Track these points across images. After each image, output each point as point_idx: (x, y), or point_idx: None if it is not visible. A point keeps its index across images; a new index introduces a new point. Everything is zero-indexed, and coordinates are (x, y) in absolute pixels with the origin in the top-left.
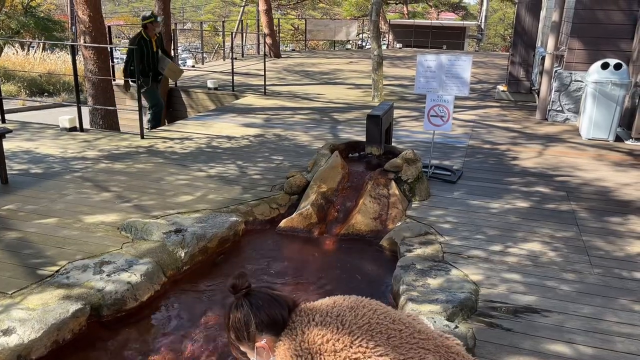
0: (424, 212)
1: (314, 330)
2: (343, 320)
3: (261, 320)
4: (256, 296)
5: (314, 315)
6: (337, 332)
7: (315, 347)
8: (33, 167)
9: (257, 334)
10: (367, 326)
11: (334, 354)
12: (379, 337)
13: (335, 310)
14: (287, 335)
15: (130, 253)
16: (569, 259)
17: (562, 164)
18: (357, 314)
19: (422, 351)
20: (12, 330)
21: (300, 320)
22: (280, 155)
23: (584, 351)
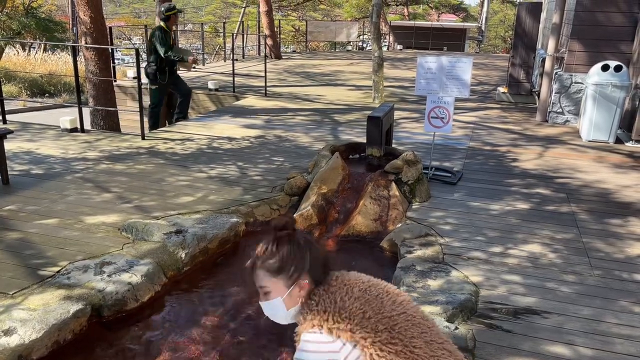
0: (424, 213)
1: (355, 304)
2: (383, 303)
3: (313, 261)
4: (303, 239)
5: (352, 287)
6: (379, 313)
7: (356, 319)
8: (34, 167)
9: (302, 274)
10: (404, 315)
11: (374, 333)
12: (414, 329)
13: (373, 290)
14: (324, 298)
15: (131, 254)
16: (569, 260)
17: (563, 166)
18: (395, 300)
19: (446, 352)
20: (13, 330)
21: (338, 287)
22: (281, 157)
23: (583, 353)
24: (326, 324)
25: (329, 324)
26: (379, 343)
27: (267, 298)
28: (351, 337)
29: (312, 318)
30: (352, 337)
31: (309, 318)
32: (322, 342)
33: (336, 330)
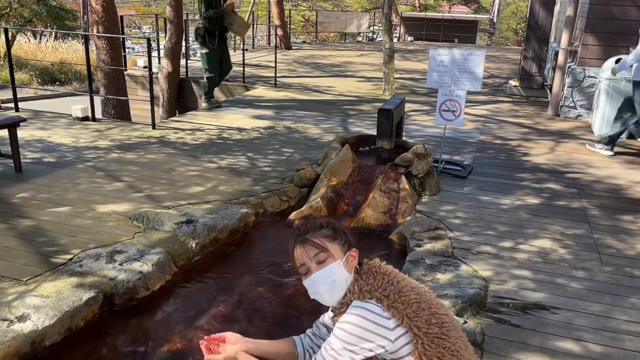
0: (434, 207)
1: (412, 292)
2: (431, 301)
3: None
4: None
5: (405, 277)
6: (431, 308)
7: (414, 307)
8: (46, 155)
9: (351, 242)
10: (448, 317)
11: (427, 325)
12: (455, 331)
13: (415, 286)
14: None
15: (142, 243)
16: (580, 256)
17: (574, 161)
18: (439, 302)
19: (473, 357)
20: (26, 316)
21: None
22: (291, 148)
23: (592, 349)
24: (386, 300)
25: (389, 300)
26: (431, 336)
27: (323, 266)
28: (408, 322)
29: (370, 289)
30: (408, 322)
31: (367, 289)
32: (377, 314)
33: (394, 309)
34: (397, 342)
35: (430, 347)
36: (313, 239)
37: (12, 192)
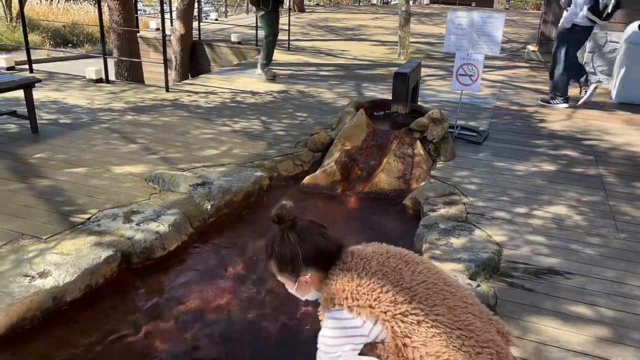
0: (448, 172)
1: (373, 279)
2: (402, 273)
3: (308, 254)
4: (303, 228)
5: (369, 261)
6: (397, 285)
7: (374, 294)
8: (62, 117)
9: (302, 268)
10: (424, 284)
11: (393, 305)
12: (435, 296)
13: (391, 262)
14: (341, 277)
15: (158, 204)
16: (595, 223)
17: (592, 128)
18: (414, 269)
19: (470, 316)
20: (47, 273)
21: (355, 264)
22: (304, 112)
23: (605, 313)
24: (346, 302)
25: (348, 302)
26: (399, 315)
27: (288, 287)
28: (370, 313)
29: (331, 297)
30: (371, 313)
31: (329, 298)
32: (345, 319)
33: (356, 307)
34: (371, 333)
35: (400, 326)
36: (270, 269)
37: (30, 153)
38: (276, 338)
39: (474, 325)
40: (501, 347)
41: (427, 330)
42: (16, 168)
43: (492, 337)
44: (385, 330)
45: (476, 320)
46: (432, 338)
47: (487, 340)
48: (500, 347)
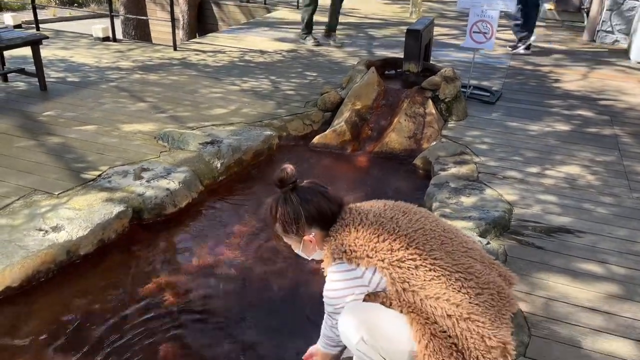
0: (460, 132)
1: (370, 229)
2: (398, 223)
3: (310, 214)
4: (304, 190)
5: (367, 214)
6: (394, 233)
7: (371, 244)
8: (69, 75)
9: (305, 228)
10: (421, 231)
11: (390, 253)
12: (433, 241)
13: (388, 213)
14: (339, 232)
15: (167, 161)
16: (608, 182)
17: (608, 88)
18: (411, 218)
19: (470, 259)
20: (61, 227)
21: (352, 218)
22: (314, 72)
23: (616, 271)
24: (345, 255)
25: (347, 254)
26: (396, 262)
27: (294, 249)
28: (368, 262)
29: (332, 252)
30: (369, 262)
31: (329, 254)
32: (345, 271)
33: (354, 259)
34: (371, 283)
35: (397, 272)
36: (274, 233)
37: (39, 110)
38: (285, 292)
39: (474, 268)
40: (502, 287)
41: (425, 274)
42: (26, 125)
43: (492, 279)
44: (385, 277)
45: (476, 264)
46: (430, 281)
47: (488, 282)
48: (501, 288)
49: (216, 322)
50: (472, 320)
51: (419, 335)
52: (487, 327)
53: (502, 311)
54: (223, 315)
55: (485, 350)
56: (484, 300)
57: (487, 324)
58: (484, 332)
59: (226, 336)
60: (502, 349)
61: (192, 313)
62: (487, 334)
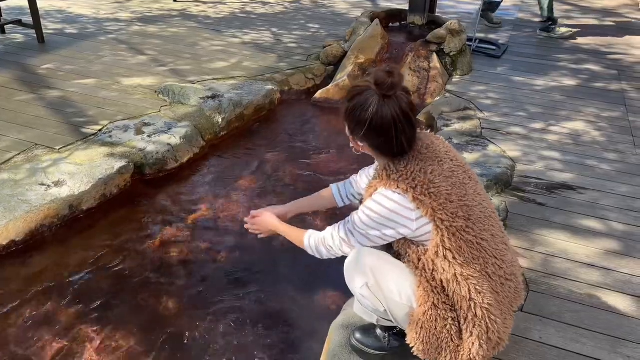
0: (464, 87)
1: (444, 183)
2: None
3: (372, 133)
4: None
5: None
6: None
7: (442, 199)
8: (67, 27)
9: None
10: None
11: (453, 217)
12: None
13: (459, 173)
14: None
15: (168, 116)
16: (613, 139)
17: (617, 42)
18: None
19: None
20: (62, 182)
21: (431, 159)
22: (317, 24)
23: (615, 227)
24: (412, 192)
25: (415, 192)
26: (454, 228)
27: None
28: (432, 214)
29: (397, 178)
30: (433, 214)
31: (394, 178)
32: (402, 205)
33: (419, 202)
34: (418, 230)
35: (450, 239)
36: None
37: (37, 63)
38: (287, 247)
39: (507, 256)
40: (519, 282)
41: (470, 252)
42: (25, 79)
43: (516, 270)
44: (434, 237)
45: (508, 252)
46: (471, 260)
47: (513, 274)
48: (519, 283)
49: (218, 275)
50: (488, 311)
51: (421, 300)
52: (497, 323)
53: (512, 303)
54: (225, 269)
55: (484, 340)
56: (505, 291)
57: (499, 319)
58: (491, 326)
59: (229, 289)
60: (496, 344)
61: (195, 267)
62: (493, 328)
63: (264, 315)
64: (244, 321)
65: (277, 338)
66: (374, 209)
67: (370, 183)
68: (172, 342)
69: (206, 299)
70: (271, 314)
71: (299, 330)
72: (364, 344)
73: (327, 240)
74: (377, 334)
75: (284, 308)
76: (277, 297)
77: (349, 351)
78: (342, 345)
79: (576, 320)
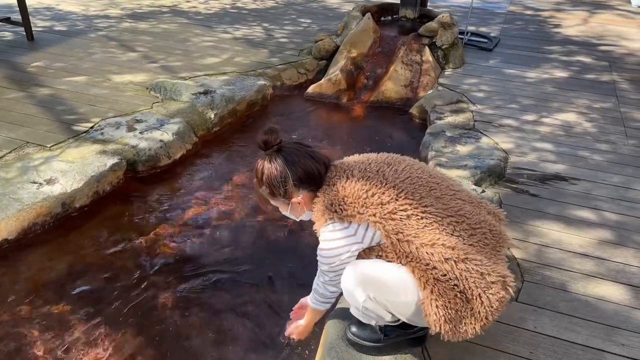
0: (457, 80)
1: (357, 185)
2: (385, 175)
3: (297, 175)
4: (290, 151)
5: (352, 170)
6: (382, 186)
7: (361, 200)
8: (57, 24)
9: (294, 190)
10: (408, 180)
11: (380, 207)
12: (421, 189)
13: (373, 166)
14: (327, 192)
15: (160, 112)
16: (604, 129)
17: (608, 33)
18: (397, 169)
19: (459, 202)
20: (55, 180)
21: (339, 176)
22: (308, 18)
23: (608, 217)
24: (335, 215)
25: (338, 214)
26: (388, 214)
27: (281, 211)
28: (360, 218)
29: (322, 213)
30: (361, 218)
31: (319, 215)
32: (338, 231)
33: (346, 217)
34: (365, 239)
35: (391, 224)
36: (261, 196)
37: (27, 61)
38: (280, 243)
39: (464, 209)
40: (493, 224)
41: (417, 222)
42: (15, 77)
43: (483, 217)
44: (378, 231)
45: (465, 205)
46: (423, 228)
47: (479, 222)
48: (493, 225)
49: (211, 271)
50: (470, 260)
51: (422, 282)
52: (484, 264)
53: (496, 248)
54: (218, 265)
55: (486, 286)
56: (478, 240)
57: (485, 261)
58: (482, 269)
59: (221, 285)
60: (502, 283)
61: (188, 263)
62: (485, 270)
63: (260, 309)
64: (239, 316)
65: (273, 332)
66: (323, 247)
67: (315, 230)
68: (166, 338)
69: (200, 295)
70: (267, 309)
71: None
72: (360, 337)
73: (320, 291)
74: (373, 326)
75: (280, 301)
76: (272, 291)
77: (345, 344)
78: (338, 338)
79: (570, 309)
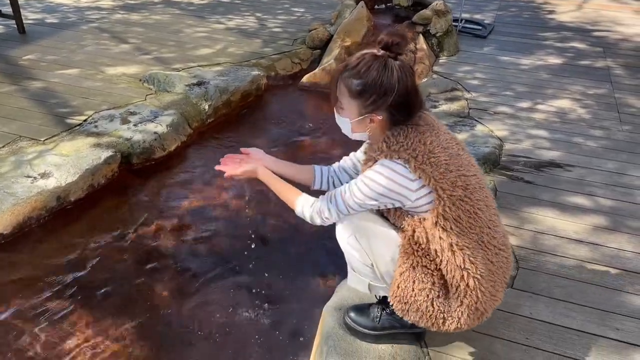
0: (451, 67)
1: (443, 154)
2: (461, 162)
3: (400, 95)
4: (407, 70)
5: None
6: (458, 170)
7: (442, 169)
8: (48, 16)
9: (383, 107)
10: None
11: (452, 187)
12: (480, 192)
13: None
14: (413, 136)
15: (154, 104)
16: (599, 115)
17: (602, 18)
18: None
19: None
20: (49, 173)
21: (428, 130)
22: (302, 7)
23: (602, 203)
24: (414, 161)
25: (417, 162)
26: (454, 198)
27: (339, 113)
28: (434, 183)
29: (398, 149)
30: (434, 184)
31: (395, 148)
32: (403, 175)
33: (421, 171)
34: (417, 201)
35: (450, 209)
36: (341, 83)
37: (19, 54)
38: (277, 232)
39: (499, 227)
40: (510, 254)
41: (468, 221)
42: (6, 70)
43: (508, 242)
44: (435, 205)
45: (500, 224)
46: (469, 229)
47: (505, 244)
48: (510, 255)
49: (210, 262)
50: (479, 282)
51: (400, 261)
52: (486, 295)
53: (505, 275)
54: (216, 256)
55: (472, 310)
56: (500, 261)
57: (488, 292)
58: (481, 297)
59: (221, 275)
60: (480, 314)
61: (186, 254)
62: (482, 299)
63: (257, 299)
64: (237, 306)
65: (270, 321)
66: (375, 179)
67: (368, 156)
68: (165, 330)
69: (198, 286)
70: (264, 298)
71: (293, 313)
72: (357, 323)
73: (323, 212)
74: (371, 314)
75: (277, 292)
76: (269, 281)
77: (342, 332)
78: (335, 326)
79: (565, 295)
